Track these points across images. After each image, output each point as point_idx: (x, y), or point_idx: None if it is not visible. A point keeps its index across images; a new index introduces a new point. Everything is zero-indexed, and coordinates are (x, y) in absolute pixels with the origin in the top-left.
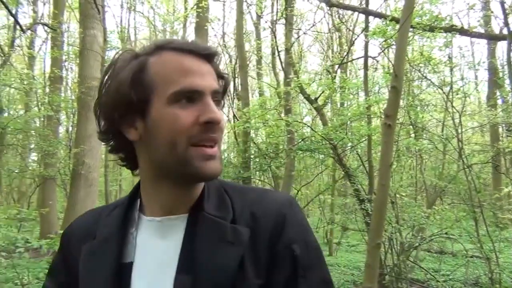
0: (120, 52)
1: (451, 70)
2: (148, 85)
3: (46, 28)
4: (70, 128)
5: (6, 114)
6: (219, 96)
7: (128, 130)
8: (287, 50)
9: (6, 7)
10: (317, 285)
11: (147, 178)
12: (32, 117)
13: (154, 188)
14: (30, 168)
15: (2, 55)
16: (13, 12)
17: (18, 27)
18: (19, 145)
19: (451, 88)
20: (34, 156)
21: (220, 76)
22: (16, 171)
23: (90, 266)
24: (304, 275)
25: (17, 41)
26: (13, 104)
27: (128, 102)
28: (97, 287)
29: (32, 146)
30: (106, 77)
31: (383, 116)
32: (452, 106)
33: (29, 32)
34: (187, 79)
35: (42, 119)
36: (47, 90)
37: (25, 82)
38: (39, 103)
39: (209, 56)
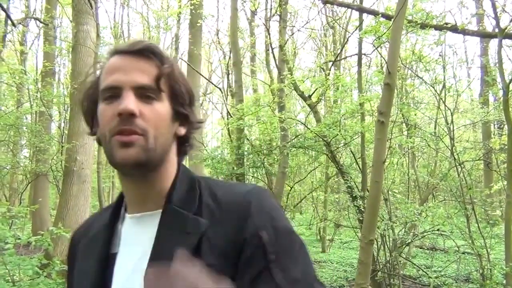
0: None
1: (444, 68)
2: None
3: (38, 23)
4: (63, 124)
5: None
6: (149, 90)
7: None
8: (281, 47)
9: None
10: (292, 270)
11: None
12: (23, 113)
13: (122, 186)
14: (21, 164)
15: None
16: (4, 6)
17: (9, 21)
18: (11, 141)
19: (444, 86)
20: (26, 152)
21: (161, 71)
22: (7, 167)
23: (82, 258)
24: (276, 261)
25: (9, 36)
26: (4, 100)
27: (88, 105)
28: (86, 275)
29: (24, 142)
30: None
31: (376, 114)
32: (444, 104)
33: (20, 27)
34: (111, 77)
35: (34, 115)
36: (39, 85)
37: (16, 77)
38: (31, 99)
39: (138, 53)
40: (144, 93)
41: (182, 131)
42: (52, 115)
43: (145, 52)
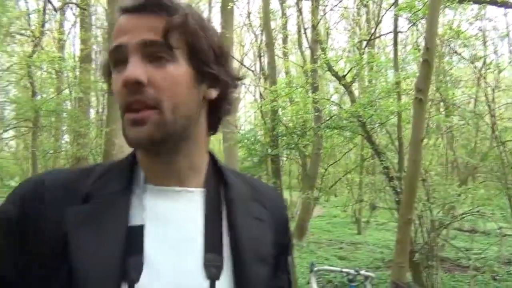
0: None
1: (484, 43)
2: None
3: (74, 11)
4: (101, 110)
5: (39, 97)
6: (159, 49)
7: None
8: (314, 27)
9: None
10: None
11: None
12: (63, 99)
13: (143, 160)
14: (63, 149)
15: (33, 38)
16: None
17: (48, 7)
18: (52, 126)
19: (484, 62)
20: (66, 137)
21: (170, 24)
22: (50, 152)
23: (92, 231)
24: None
25: (47, 25)
26: (45, 87)
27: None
28: (106, 251)
29: (65, 127)
30: None
31: (413, 92)
32: (485, 81)
33: (59, 14)
34: (116, 39)
35: (73, 101)
36: (77, 72)
37: (55, 65)
38: (70, 86)
39: (143, 8)
40: (154, 54)
41: (213, 93)
42: (90, 100)
43: (149, 6)
